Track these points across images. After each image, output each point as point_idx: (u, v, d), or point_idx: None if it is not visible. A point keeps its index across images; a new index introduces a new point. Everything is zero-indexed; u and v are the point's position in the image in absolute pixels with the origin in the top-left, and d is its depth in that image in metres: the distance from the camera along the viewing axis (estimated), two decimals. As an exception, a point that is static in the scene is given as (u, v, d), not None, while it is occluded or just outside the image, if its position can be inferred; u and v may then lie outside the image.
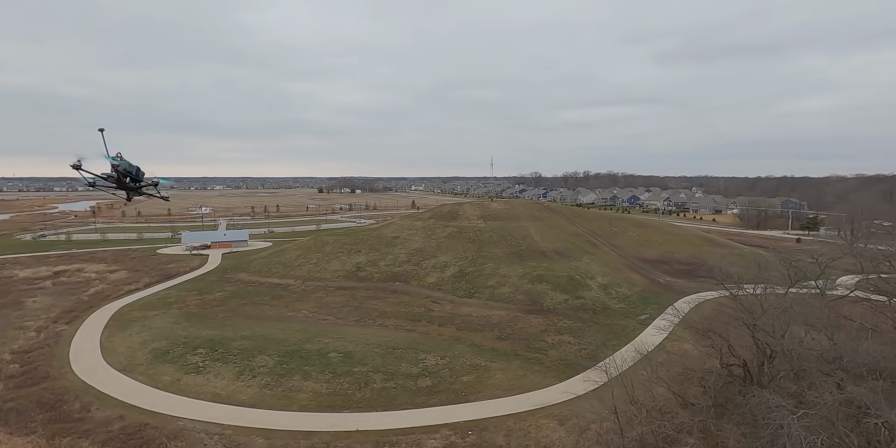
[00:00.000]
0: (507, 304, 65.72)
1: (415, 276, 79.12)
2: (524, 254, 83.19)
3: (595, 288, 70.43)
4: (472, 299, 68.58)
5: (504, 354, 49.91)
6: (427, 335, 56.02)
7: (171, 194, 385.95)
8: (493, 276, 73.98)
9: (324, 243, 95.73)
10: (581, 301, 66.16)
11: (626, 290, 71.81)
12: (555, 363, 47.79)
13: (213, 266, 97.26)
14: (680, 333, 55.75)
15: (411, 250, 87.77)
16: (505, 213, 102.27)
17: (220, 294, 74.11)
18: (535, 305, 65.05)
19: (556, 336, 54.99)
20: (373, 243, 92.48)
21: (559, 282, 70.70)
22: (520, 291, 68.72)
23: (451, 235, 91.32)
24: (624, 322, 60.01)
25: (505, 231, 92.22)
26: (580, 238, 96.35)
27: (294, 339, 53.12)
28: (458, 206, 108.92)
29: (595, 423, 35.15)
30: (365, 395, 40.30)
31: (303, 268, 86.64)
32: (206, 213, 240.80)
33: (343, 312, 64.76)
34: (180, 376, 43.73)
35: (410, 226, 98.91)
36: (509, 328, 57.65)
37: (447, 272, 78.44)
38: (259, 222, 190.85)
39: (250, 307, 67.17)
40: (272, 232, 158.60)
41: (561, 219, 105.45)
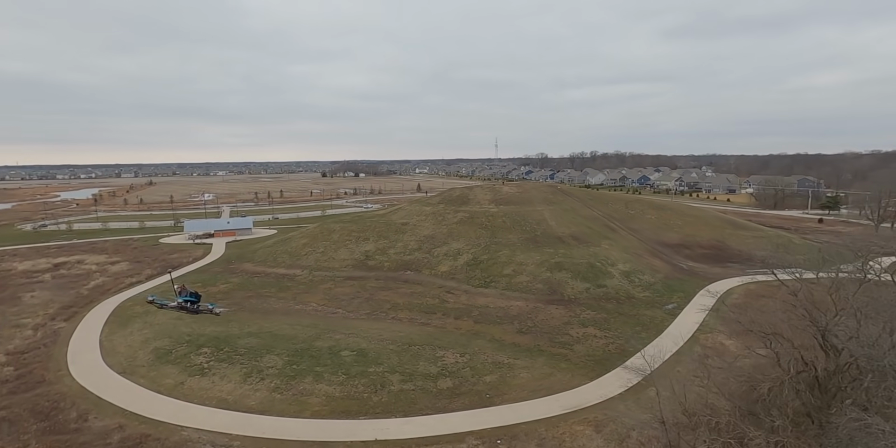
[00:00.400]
0: (525, 294, 62.54)
1: (426, 265, 75.95)
2: (540, 240, 79.64)
3: (617, 275, 67.02)
4: (487, 289, 65.42)
5: (527, 350, 46.88)
6: (443, 329, 53.04)
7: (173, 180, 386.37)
8: (508, 264, 70.64)
9: (330, 231, 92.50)
10: (603, 290, 62.85)
11: (649, 278, 68.38)
12: (582, 359, 44.73)
13: (216, 256, 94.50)
14: (713, 325, 52.50)
15: (422, 237, 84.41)
16: (517, 197, 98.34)
17: (225, 286, 71.34)
18: (555, 295, 61.83)
19: (581, 329, 51.86)
20: (381, 230, 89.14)
21: (579, 269, 67.30)
22: (538, 280, 65.44)
23: (463, 221, 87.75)
24: (650, 312, 56.75)
25: (518, 216, 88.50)
26: (597, 222, 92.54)
27: (303, 335, 50.28)
28: (468, 190, 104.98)
29: (635, 431, 32.15)
30: (382, 399, 37.46)
31: (310, 257, 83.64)
32: (209, 199, 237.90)
33: (353, 305, 61.84)
34: (184, 379, 41.02)
35: (420, 211, 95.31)
36: (530, 320, 54.56)
37: (460, 260, 75.18)
38: (263, 209, 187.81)
39: (256, 300, 64.36)
40: (276, 218, 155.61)
41: (575, 202, 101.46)
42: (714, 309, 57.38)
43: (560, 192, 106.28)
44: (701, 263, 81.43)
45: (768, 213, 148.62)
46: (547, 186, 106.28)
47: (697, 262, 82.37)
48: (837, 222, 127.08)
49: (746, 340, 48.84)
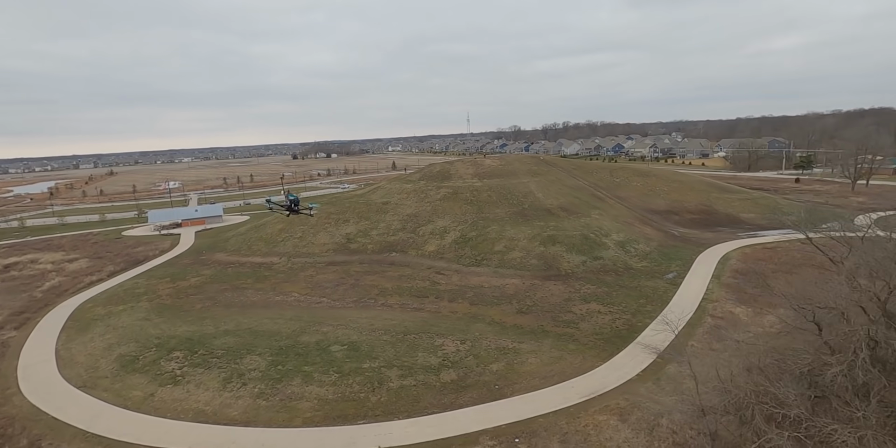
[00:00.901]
0: (520, 271, 58.95)
1: (412, 245, 71.42)
2: (528, 213, 75.81)
3: (612, 246, 63.99)
4: (480, 268, 61.55)
5: (531, 332, 43.42)
6: (438, 314, 49.08)
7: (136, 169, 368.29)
8: (499, 240, 66.74)
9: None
10: (600, 262, 59.75)
11: (644, 247, 65.65)
12: (591, 339, 41.54)
13: (185, 247, 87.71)
14: (718, 293, 50.04)
15: (405, 216, 79.50)
16: (501, 170, 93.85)
17: (197, 279, 65.45)
18: (551, 270, 58.43)
19: (583, 305, 48.66)
20: (361, 211, 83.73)
21: (573, 242, 63.94)
22: (532, 255, 61.85)
23: (447, 197, 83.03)
24: (651, 283, 53.97)
25: (504, 189, 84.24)
26: (584, 192, 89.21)
27: (287, 330, 45.57)
28: (449, 164, 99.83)
29: (664, 418, 29.06)
30: (381, 399, 33.45)
31: (287, 243, 77.96)
32: (175, 187, 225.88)
33: (339, 292, 57.17)
34: (154, 390, 36.07)
35: (400, 189, 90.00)
36: (529, 299, 51.07)
37: (447, 238, 70.88)
38: (233, 194, 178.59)
39: (232, 293, 58.96)
40: (248, 204, 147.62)
41: (560, 172, 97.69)
42: (715, 276, 55.12)
43: (544, 162, 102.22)
44: (691, 229, 79.37)
45: (745, 176, 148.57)
46: (530, 158, 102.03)
47: (688, 227, 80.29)
48: (813, 181, 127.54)
49: (755, 307, 46.60)
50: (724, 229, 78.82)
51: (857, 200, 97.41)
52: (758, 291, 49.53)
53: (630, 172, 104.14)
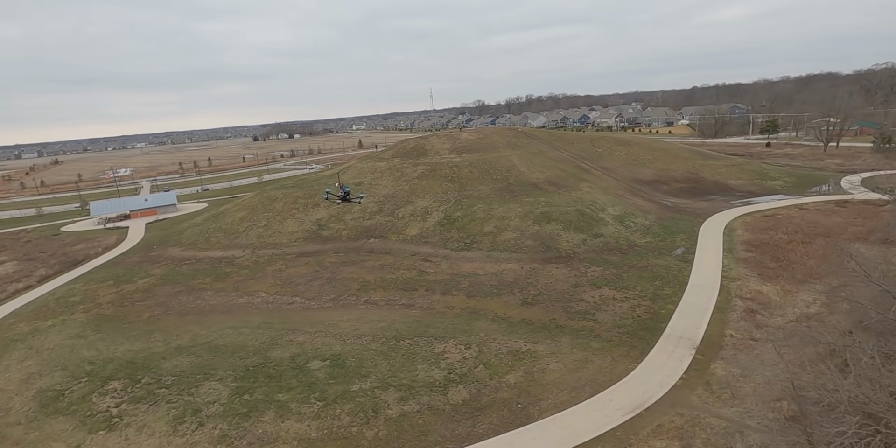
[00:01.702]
0: (516, 254, 51.84)
1: (392, 229, 63.02)
2: (514, 188, 68.33)
3: (611, 222, 57.61)
4: (471, 252, 54.04)
5: (543, 328, 36.55)
6: (432, 311, 41.53)
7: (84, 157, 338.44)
8: (488, 220, 59.19)
9: (272, 199, 76.21)
10: (601, 240, 53.30)
11: (642, 220, 59.64)
12: (614, 333, 35.04)
13: (134, 242, 76.22)
14: (737, 269, 44.43)
15: (380, 197, 70.57)
16: (479, 144, 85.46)
17: (145, 281, 55.29)
18: (550, 252, 51.57)
19: (595, 291, 42.11)
20: (331, 194, 74.03)
21: (568, 218, 57.13)
22: (527, 236, 54.74)
23: (425, 175, 74.36)
24: (661, 261, 47.95)
25: (485, 164, 76.18)
26: (568, 164, 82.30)
27: (254, 342, 37.06)
28: (424, 140, 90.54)
29: (739, 439, 22.80)
30: (378, 433, 25.91)
31: (250, 233, 67.97)
32: (126, 175, 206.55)
33: (313, 289, 48.64)
34: (82, 439, 27.26)
35: (373, 168, 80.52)
36: (532, 287, 44.11)
37: (430, 220, 62.78)
38: (190, 180, 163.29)
39: (187, 296, 49.47)
40: (206, 190, 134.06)
41: (541, 144, 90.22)
42: (727, 250, 49.61)
43: (523, 134, 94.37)
44: (683, 198, 74.15)
45: (714, 142, 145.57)
46: (508, 130, 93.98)
47: (678, 197, 75.04)
48: (783, 145, 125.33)
49: (783, 285, 41.16)
50: (715, 197, 73.98)
51: (834, 162, 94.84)
52: (778, 266, 44.25)
53: (611, 142, 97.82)
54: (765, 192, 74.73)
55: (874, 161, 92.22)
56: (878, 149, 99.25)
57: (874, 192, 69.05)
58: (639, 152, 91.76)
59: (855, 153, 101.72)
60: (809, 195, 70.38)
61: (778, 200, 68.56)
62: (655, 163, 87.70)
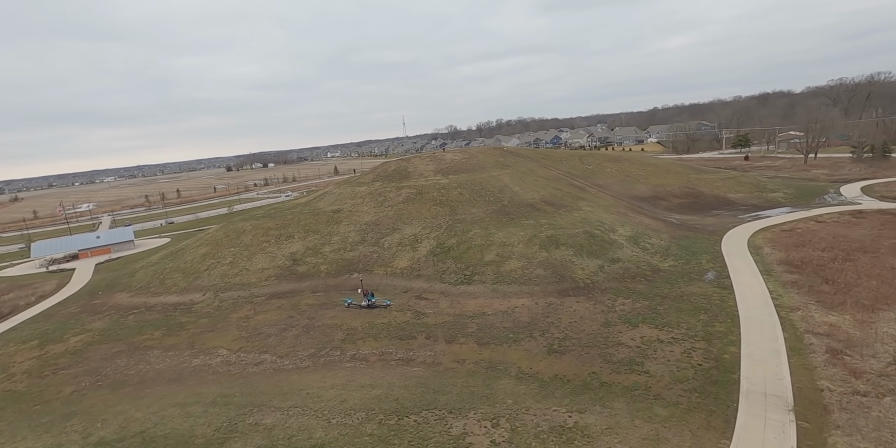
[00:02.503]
0: (526, 287, 43.42)
1: (378, 262, 53.85)
2: (510, 210, 60.59)
3: (625, 244, 50.14)
4: (473, 286, 45.32)
5: (586, 388, 27.83)
6: (438, 367, 32.31)
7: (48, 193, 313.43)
8: (488, 247, 50.83)
9: (239, 232, 65.98)
10: (620, 265, 45.56)
11: (657, 241, 52.49)
12: (677, 391, 26.60)
13: (77, 286, 64.28)
14: (788, 296, 37.10)
15: (363, 225, 61.53)
16: (466, 164, 78.05)
17: (78, 339, 44.07)
18: (564, 282, 43.37)
19: (631, 330, 33.87)
20: (308, 223, 64.62)
21: (578, 242, 49.38)
22: (535, 264, 46.51)
23: (410, 199, 65.95)
24: (695, 288, 40.36)
25: (475, 185, 68.48)
26: (561, 182, 75.50)
27: (205, 429, 26.88)
28: (406, 162, 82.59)
29: None
30: None
31: (213, 272, 57.47)
32: (89, 210, 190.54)
33: (287, 342, 38.72)
34: None
35: (353, 193, 71.65)
36: (554, 328, 35.56)
37: (421, 249, 54.00)
38: (155, 214, 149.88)
39: (127, 359, 38.69)
40: (171, 223, 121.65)
41: (530, 163, 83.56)
42: (764, 272, 42.50)
43: (510, 153, 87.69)
44: (687, 214, 67.89)
45: (691, 157, 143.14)
46: (493, 149, 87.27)
47: (682, 213, 68.76)
48: (760, 158, 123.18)
49: (852, 313, 34.00)
50: (720, 212, 68.07)
51: (822, 172, 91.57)
52: (834, 289, 37.20)
53: (601, 158, 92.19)
54: (769, 204, 69.38)
55: (860, 170, 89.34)
56: (858, 158, 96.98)
57: (882, 200, 64.44)
58: (630, 168, 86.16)
59: (836, 163, 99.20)
60: (818, 206, 65.17)
61: (787, 213, 62.95)
62: (649, 178, 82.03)
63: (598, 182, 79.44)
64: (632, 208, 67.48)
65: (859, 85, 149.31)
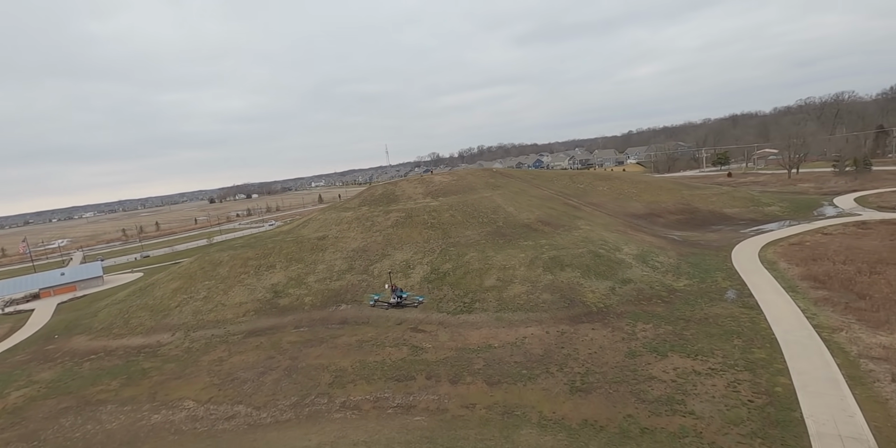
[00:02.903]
0: (533, 314, 38.77)
1: (368, 291, 48.71)
2: (506, 231, 56.57)
3: (634, 263, 46.24)
4: (474, 315, 40.46)
5: (625, 436, 22.97)
6: (444, 416, 27.05)
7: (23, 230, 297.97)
8: (487, 271, 46.31)
9: (216, 263, 60.18)
10: (633, 286, 41.45)
11: (665, 259, 48.80)
12: (735, 437, 21.98)
13: (33, 329, 57.10)
14: (823, 314, 33.29)
15: (350, 252, 56.59)
16: (455, 186, 74.41)
17: (20, 394, 37.38)
18: (575, 307, 38.92)
19: (661, 361, 29.37)
20: (291, 252, 59.36)
21: (584, 262, 45.31)
22: (540, 288, 42.06)
23: (400, 223, 61.51)
24: (718, 309, 36.36)
25: (468, 206, 64.60)
26: (555, 201, 72.22)
27: (157, 513, 20.92)
28: (393, 185, 78.60)
29: None
30: None
31: (185, 308, 51.37)
32: (60, 246, 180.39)
33: (265, 388, 32.96)
34: None
35: (338, 219, 66.92)
36: (573, 361, 30.83)
37: (415, 276, 49.16)
38: (131, 248, 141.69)
39: (74, 417, 32.31)
40: (146, 257, 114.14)
41: (521, 183, 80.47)
42: (788, 289, 38.86)
43: (499, 174, 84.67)
44: (686, 231, 64.84)
45: (673, 176, 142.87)
46: (482, 171, 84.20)
47: (681, 229, 65.72)
48: (743, 174, 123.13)
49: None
50: (720, 227, 65.24)
51: (808, 186, 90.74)
52: (871, 306, 33.58)
53: (591, 177, 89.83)
54: (767, 218, 66.98)
55: (845, 183, 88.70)
56: (840, 172, 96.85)
57: (881, 211, 62.57)
58: (622, 186, 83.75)
59: (820, 177, 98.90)
60: (818, 219, 62.91)
61: (789, 226, 60.39)
62: (642, 196, 79.52)
63: (591, 200, 76.47)
64: (630, 226, 64.20)
65: (826, 103, 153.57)
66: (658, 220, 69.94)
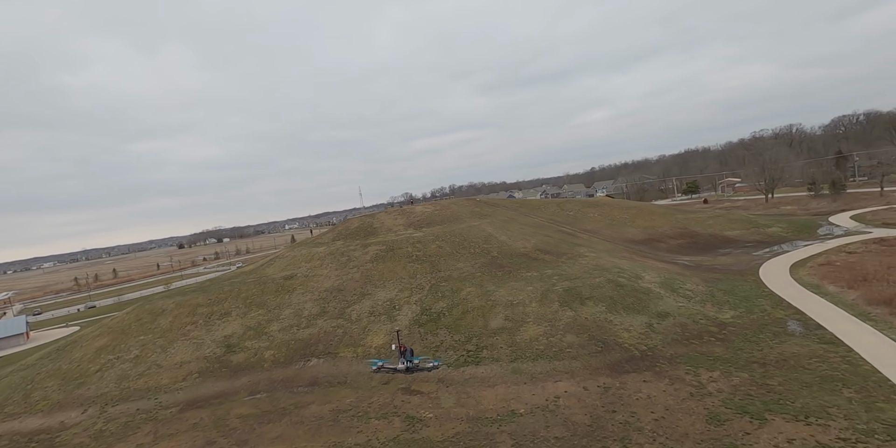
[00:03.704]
0: (560, 362, 29.24)
1: (344, 340, 38.05)
2: (502, 262, 47.80)
3: (663, 293, 37.94)
4: (483, 367, 30.50)
5: None
6: None
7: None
8: (492, 309, 36.84)
9: (156, 313, 48.03)
10: (674, 321, 32.83)
11: (693, 286, 40.82)
12: None
13: None
14: None
15: (323, 293, 46.09)
16: (438, 216, 65.88)
17: None
18: (611, 351, 29.71)
19: (765, 429, 20.29)
20: (251, 295, 48.22)
21: (605, 293, 36.68)
22: (560, 327, 32.81)
23: (380, 257, 51.86)
24: (792, 346, 28.05)
25: (455, 236, 55.86)
26: (548, 229, 64.51)
27: None
28: (370, 217, 69.27)
29: None
30: None
31: (107, 373, 38.89)
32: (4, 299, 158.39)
33: (193, 501, 21.42)
34: None
35: (309, 255, 56.59)
36: (639, 434, 21.28)
37: (402, 318, 39.04)
38: (79, 298, 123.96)
39: None
40: (92, 307, 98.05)
41: (508, 211, 72.87)
42: (861, 315, 31.19)
43: (484, 203, 76.99)
44: (693, 255, 57.80)
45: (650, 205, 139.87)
46: (465, 200, 76.48)
47: (687, 254, 58.67)
48: (718, 201, 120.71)
49: None
50: (728, 251, 58.64)
51: (791, 208, 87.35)
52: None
53: (579, 204, 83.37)
54: (774, 240, 61.10)
55: (826, 204, 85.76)
56: (816, 195, 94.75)
57: (889, 227, 57.76)
58: (612, 212, 77.42)
59: (797, 200, 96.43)
60: (829, 238, 57.40)
61: (805, 246, 54.32)
62: (636, 221, 73.12)
63: (585, 227, 69.27)
64: (634, 252, 56.69)
65: (780, 134, 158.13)
66: (659, 245, 62.99)
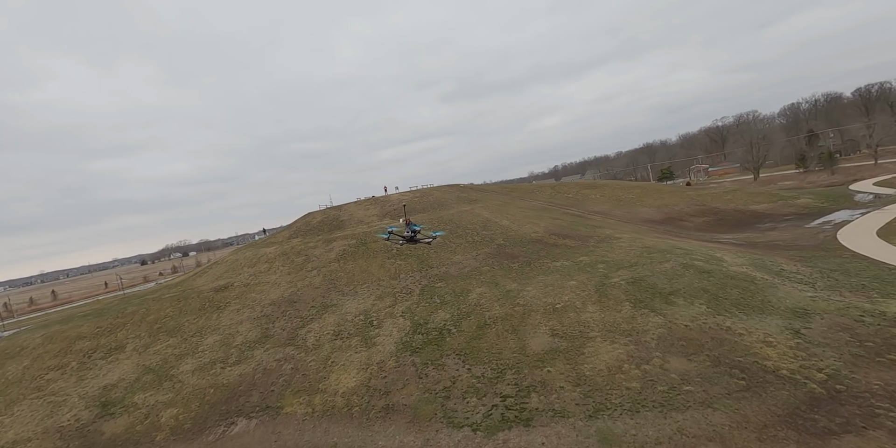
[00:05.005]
0: (684, 415, 15.06)
1: (294, 384, 22.50)
2: (512, 251, 33.63)
3: (773, 281, 24.67)
4: (537, 430, 15.84)
5: None
6: None
7: None
8: (524, 319, 22.37)
9: (10, 354, 30.62)
10: (826, 322, 19.48)
11: (791, 267, 27.89)
12: None
13: None
14: None
15: (267, 307, 30.26)
16: (421, 203, 51.05)
17: None
18: (766, 385, 15.91)
19: None
20: (162, 317, 31.68)
21: (695, 285, 23.11)
22: (653, 346, 18.72)
23: (348, 254, 36.54)
24: None
25: (445, 222, 41.33)
26: (552, 211, 50.95)
27: None
28: (336, 210, 53.48)
29: None
30: None
31: None
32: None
33: None
34: None
35: (254, 258, 40.53)
36: None
37: (385, 342, 23.92)
38: None
39: None
40: None
41: (500, 196, 58.97)
42: None
43: (470, 189, 62.71)
44: (733, 233, 45.65)
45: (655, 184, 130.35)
46: (449, 187, 62.04)
47: (723, 232, 46.50)
48: (703, 184, 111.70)
49: None
50: (770, 225, 46.95)
51: (790, 183, 78.10)
52: None
53: (575, 186, 70.45)
54: (813, 211, 50.05)
55: (825, 177, 77.13)
56: (805, 171, 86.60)
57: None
58: (615, 192, 64.97)
59: (791, 176, 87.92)
60: (878, 205, 46.65)
61: (864, 214, 43.17)
62: (645, 200, 60.85)
63: (592, 208, 56.30)
64: (663, 232, 43.93)
65: (742, 121, 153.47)
66: (684, 223, 50.76)
